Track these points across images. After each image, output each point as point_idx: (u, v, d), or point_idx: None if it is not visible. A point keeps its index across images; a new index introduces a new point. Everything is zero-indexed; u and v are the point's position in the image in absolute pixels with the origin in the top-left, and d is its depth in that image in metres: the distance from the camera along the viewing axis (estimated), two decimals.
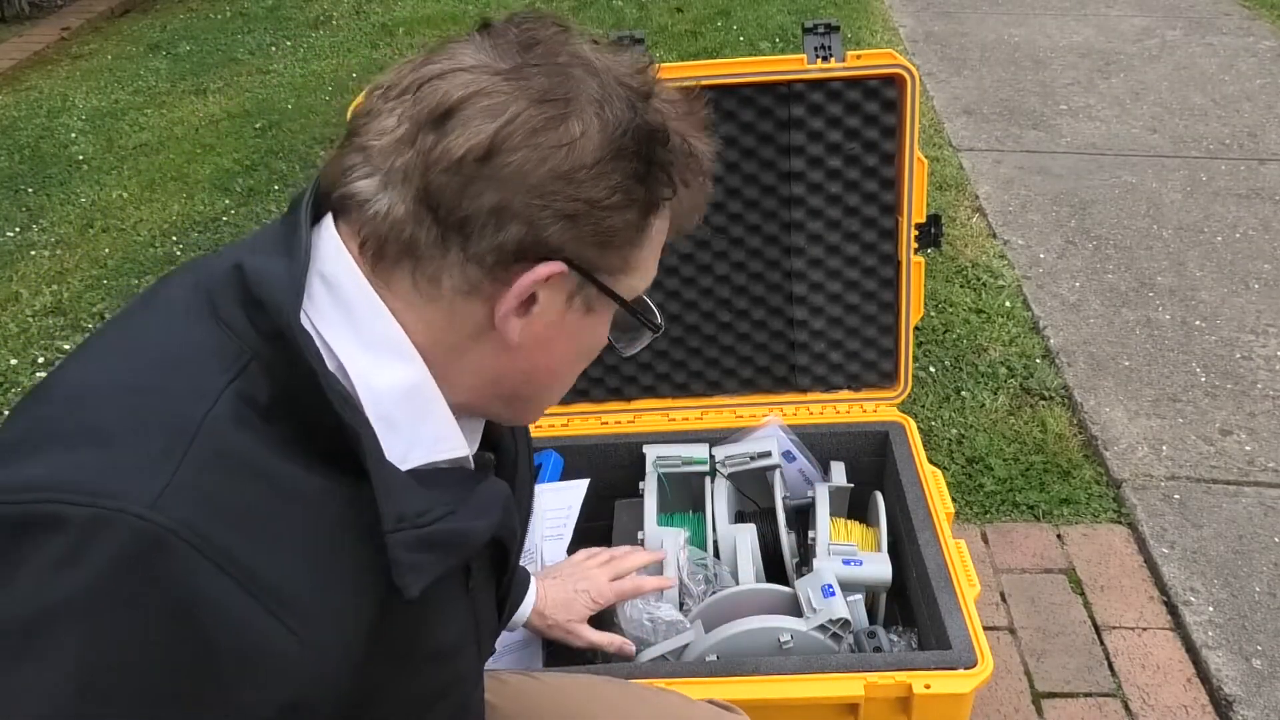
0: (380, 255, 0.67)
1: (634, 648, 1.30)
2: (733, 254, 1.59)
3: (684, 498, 1.61)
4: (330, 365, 0.65)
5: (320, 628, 0.61)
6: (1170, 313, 2.63)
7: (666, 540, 1.44)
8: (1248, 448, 2.16)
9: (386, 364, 0.68)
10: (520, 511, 0.85)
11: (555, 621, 1.26)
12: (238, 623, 0.57)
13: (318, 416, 0.62)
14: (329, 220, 0.69)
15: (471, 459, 0.75)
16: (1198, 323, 2.58)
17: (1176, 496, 2.05)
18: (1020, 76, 4.11)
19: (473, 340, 0.70)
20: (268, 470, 0.61)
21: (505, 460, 0.85)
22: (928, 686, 1.16)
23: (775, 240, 1.57)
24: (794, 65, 1.44)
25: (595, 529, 1.57)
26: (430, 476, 0.70)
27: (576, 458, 1.62)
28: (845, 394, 1.68)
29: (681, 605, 1.38)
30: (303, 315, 0.65)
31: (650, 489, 1.52)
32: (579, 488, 1.55)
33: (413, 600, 0.65)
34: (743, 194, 1.54)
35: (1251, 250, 2.89)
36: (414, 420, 0.69)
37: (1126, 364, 2.45)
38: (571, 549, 1.51)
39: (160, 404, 0.60)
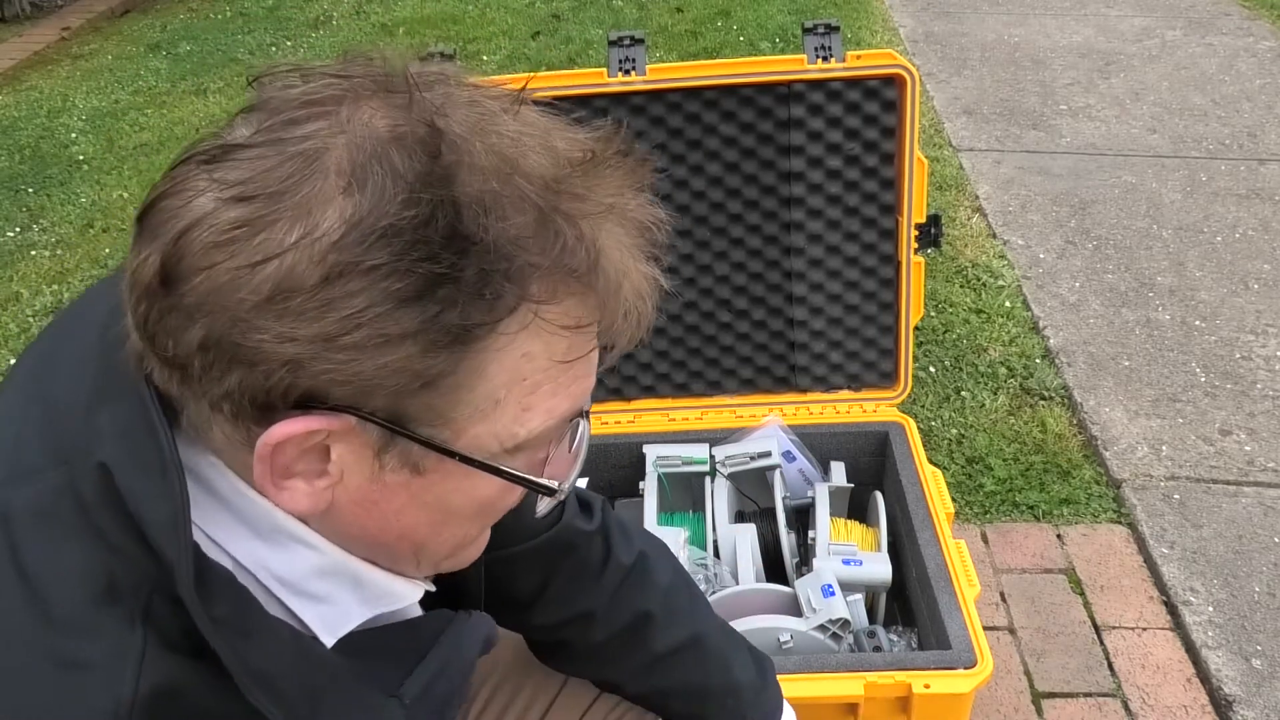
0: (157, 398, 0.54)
1: None
2: (733, 254, 1.59)
3: (684, 498, 1.61)
4: (228, 564, 0.56)
5: None
6: (1170, 313, 2.63)
7: (666, 540, 1.45)
8: (1248, 448, 2.16)
9: (286, 550, 0.57)
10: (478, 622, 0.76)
11: None
12: None
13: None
14: None
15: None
16: (1198, 323, 2.58)
17: (1176, 496, 2.05)
18: (1020, 76, 4.10)
19: None
20: (222, 711, 0.53)
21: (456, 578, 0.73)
22: (927, 686, 1.16)
23: (775, 240, 1.57)
24: (794, 65, 1.45)
25: None
26: (377, 637, 0.62)
27: None
28: (845, 394, 1.68)
29: None
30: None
31: (650, 489, 1.52)
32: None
33: None
34: (743, 194, 1.54)
35: (1251, 250, 2.88)
36: (342, 588, 0.60)
37: (1126, 364, 2.45)
38: None
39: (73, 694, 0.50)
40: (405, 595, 0.63)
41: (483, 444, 0.54)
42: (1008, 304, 2.69)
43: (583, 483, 1.57)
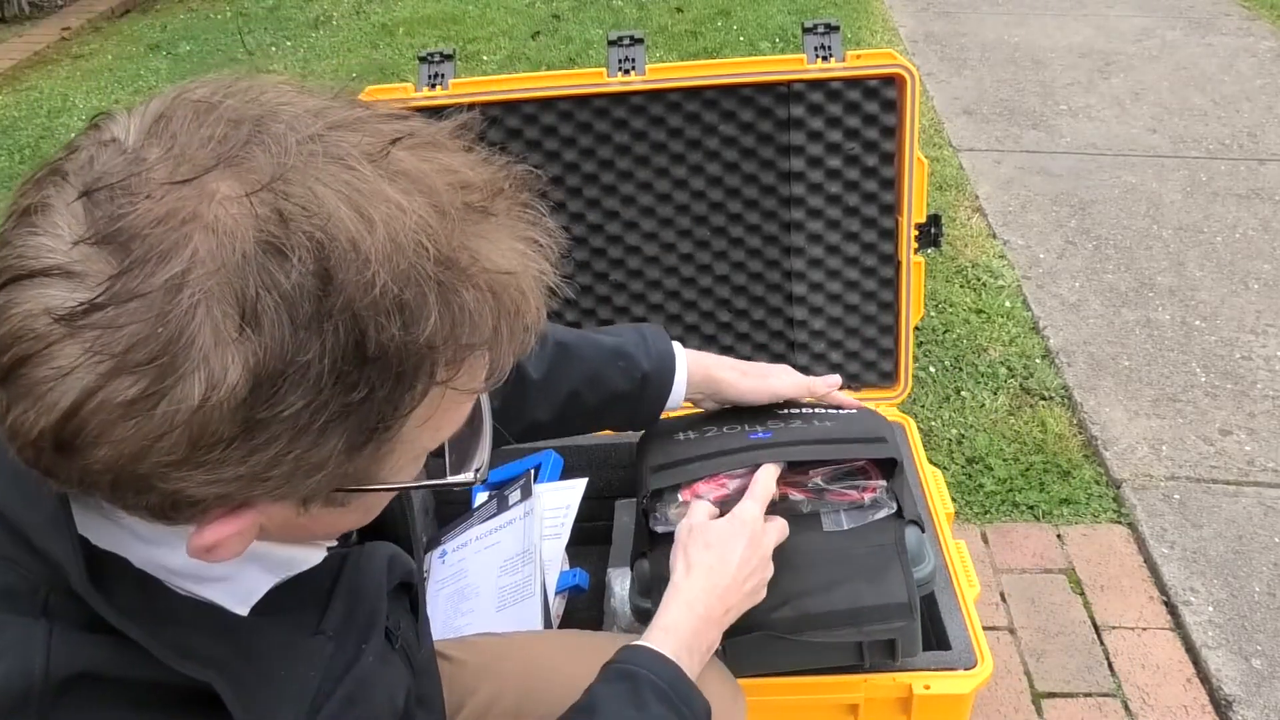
0: None
1: (838, 380, 1.17)
2: (732, 254, 1.58)
3: None
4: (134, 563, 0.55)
5: None
6: (1170, 313, 2.63)
7: None
8: (1248, 448, 2.16)
9: (176, 546, 0.55)
10: (409, 540, 0.79)
11: (753, 370, 1.14)
12: None
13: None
14: None
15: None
16: (1198, 323, 2.58)
17: (1176, 496, 2.05)
18: (1020, 76, 4.10)
19: None
20: (137, 677, 0.53)
21: None
22: (927, 687, 1.16)
23: (775, 240, 1.57)
24: (794, 65, 1.44)
25: (595, 529, 1.57)
26: (283, 592, 0.62)
27: (576, 457, 1.62)
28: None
29: None
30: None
31: None
32: (577, 487, 1.55)
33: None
34: (742, 194, 1.54)
35: (1251, 250, 2.88)
36: (243, 566, 0.59)
37: (1126, 364, 2.45)
38: (570, 548, 1.51)
39: None
40: (308, 559, 0.64)
41: (401, 468, 0.55)
42: (1008, 304, 2.69)
43: (582, 481, 1.57)
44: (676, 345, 1.13)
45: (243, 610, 0.60)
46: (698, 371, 1.12)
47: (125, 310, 0.44)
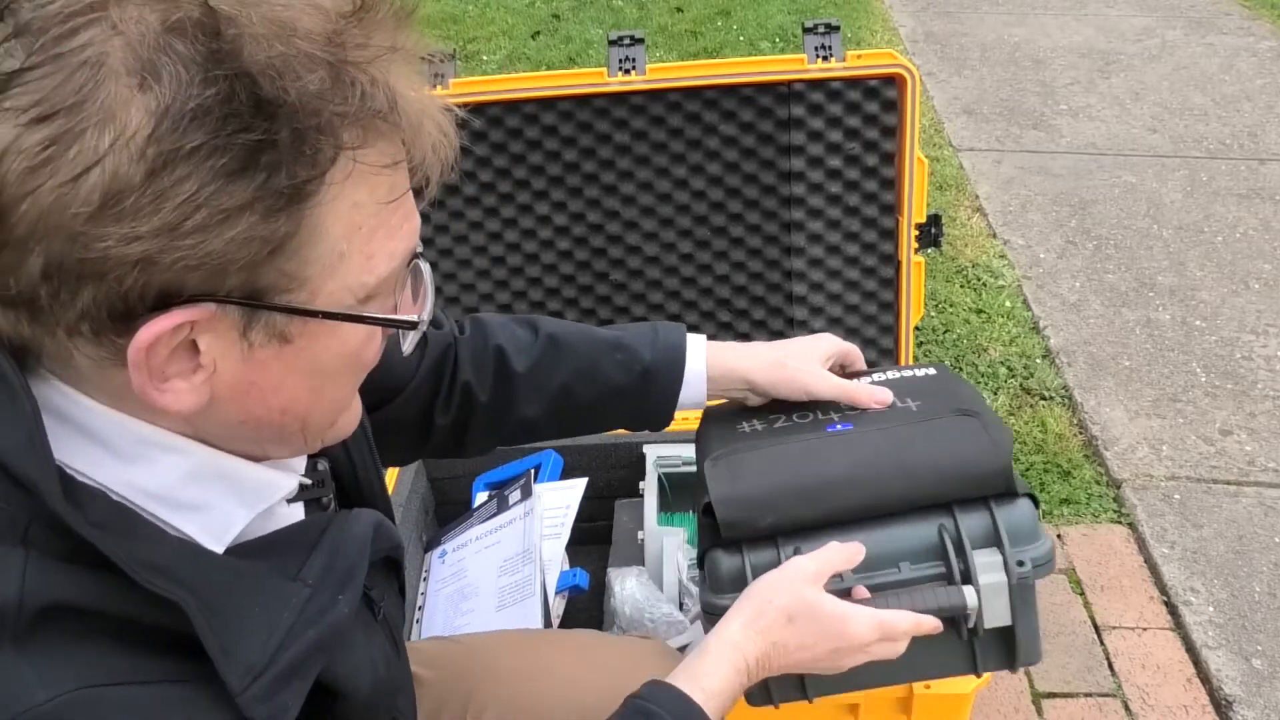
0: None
1: (890, 396, 0.99)
2: (732, 254, 1.59)
3: (684, 498, 1.61)
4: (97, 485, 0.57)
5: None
6: (1170, 313, 2.63)
7: (666, 540, 1.45)
8: (1248, 448, 2.16)
9: (152, 462, 0.57)
10: (386, 512, 0.79)
11: (791, 361, 0.99)
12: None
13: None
14: None
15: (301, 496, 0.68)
16: (1198, 323, 2.58)
17: (1176, 496, 2.05)
18: (1020, 76, 4.10)
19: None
20: (112, 612, 0.54)
21: (342, 472, 0.77)
22: (928, 687, 1.16)
23: (775, 240, 1.57)
24: (794, 65, 1.44)
25: (595, 529, 1.57)
26: (268, 542, 0.63)
27: (576, 457, 1.62)
28: None
29: (681, 605, 1.39)
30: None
31: (650, 489, 1.52)
32: (577, 487, 1.55)
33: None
34: (743, 194, 1.54)
35: (1251, 250, 2.88)
36: (217, 491, 0.60)
37: (1126, 364, 2.45)
38: (570, 548, 1.51)
39: None
40: (281, 484, 0.65)
41: (339, 299, 0.57)
42: (1008, 304, 2.69)
43: (582, 481, 1.57)
44: (695, 338, 1.01)
45: (218, 547, 0.60)
46: (719, 365, 1.00)
47: (36, 73, 0.48)
